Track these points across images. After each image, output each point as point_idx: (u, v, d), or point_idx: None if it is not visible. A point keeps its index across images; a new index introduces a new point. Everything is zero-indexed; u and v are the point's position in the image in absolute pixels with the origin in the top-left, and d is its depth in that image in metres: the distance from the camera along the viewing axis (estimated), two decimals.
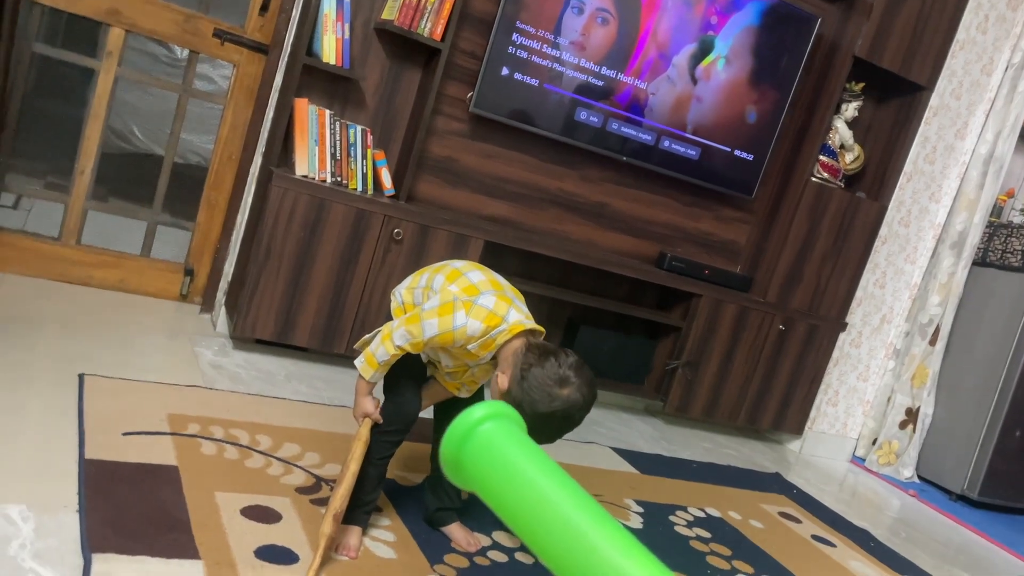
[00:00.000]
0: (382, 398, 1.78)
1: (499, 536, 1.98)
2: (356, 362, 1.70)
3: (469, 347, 1.63)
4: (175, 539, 1.56)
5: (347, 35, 2.77)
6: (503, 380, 1.59)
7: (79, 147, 2.91)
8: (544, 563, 0.64)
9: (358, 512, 1.75)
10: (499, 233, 2.96)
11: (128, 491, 1.68)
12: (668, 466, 2.95)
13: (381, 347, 1.67)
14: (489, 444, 0.68)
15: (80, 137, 2.90)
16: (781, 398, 3.60)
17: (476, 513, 1.98)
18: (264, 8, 2.98)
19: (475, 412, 0.69)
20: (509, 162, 3.18)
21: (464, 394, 1.85)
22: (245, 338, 2.82)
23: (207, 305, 3.07)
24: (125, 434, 1.92)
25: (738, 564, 2.25)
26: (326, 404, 2.53)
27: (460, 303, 1.61)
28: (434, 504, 1.91)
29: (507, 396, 1.55)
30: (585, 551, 0.58)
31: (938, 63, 3.50)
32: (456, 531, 1.90)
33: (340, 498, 1.65)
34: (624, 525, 2.24)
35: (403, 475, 2.15)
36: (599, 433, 3.09)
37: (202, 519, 1.66)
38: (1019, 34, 3.66)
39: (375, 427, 1.73)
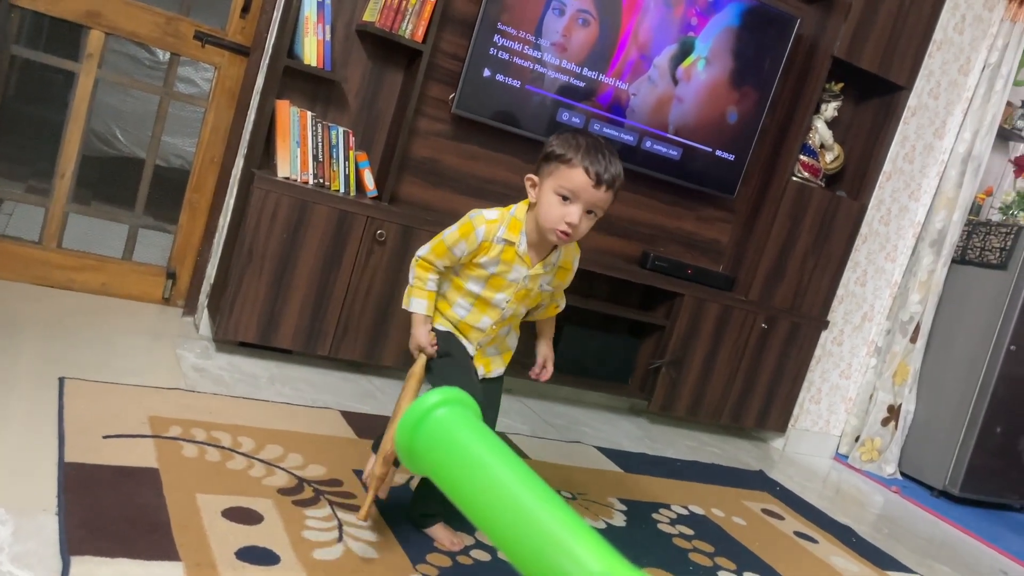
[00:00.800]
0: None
1: (483, 535, 1.99)
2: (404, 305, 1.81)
3: (495, 238, 1.71)
4: (155, 541, 1.56)
5: (328, 37, 2.77)
6: (532, 194, 1.71)
7: (60, 150, 2.89)
8: (496, 544, 0.65)
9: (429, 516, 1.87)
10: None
11: (108, 493, 1.68)
12: (652, 465, 2.96)
13: (411, 271, 1.80)
14: (442, 430, 0.69)
15: (61, 140, 2.89)
16: (764, 396, 3.63)
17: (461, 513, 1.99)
18: (245, 10, 2.98)
19: (429, 398, 0.70)
20: (492, 163, 3.19)
21: (496, 366, 1.89)
22: (228, 341, 2.81)
23: (189, 308, 3.06)
24: (105, 437, 1.91)
25: (720, 561, 2.27)
26: (309, 406, 2.53)
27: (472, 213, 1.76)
28: (420, 508, 1.90)
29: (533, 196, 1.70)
30: (534, 532, 0.59)
31: (916, 63, 3.54)
32: (439, 531, 1.90)
33: (390, 438, 1.64)
34: (607, 523, 2.26)
35: None
36: (584, 433, 3.10)
37: (183, 521, 1.65)
38: (995, 34, 3.71)
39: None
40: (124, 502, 1.66)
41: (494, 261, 1.74)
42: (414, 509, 1.92)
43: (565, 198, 1.64)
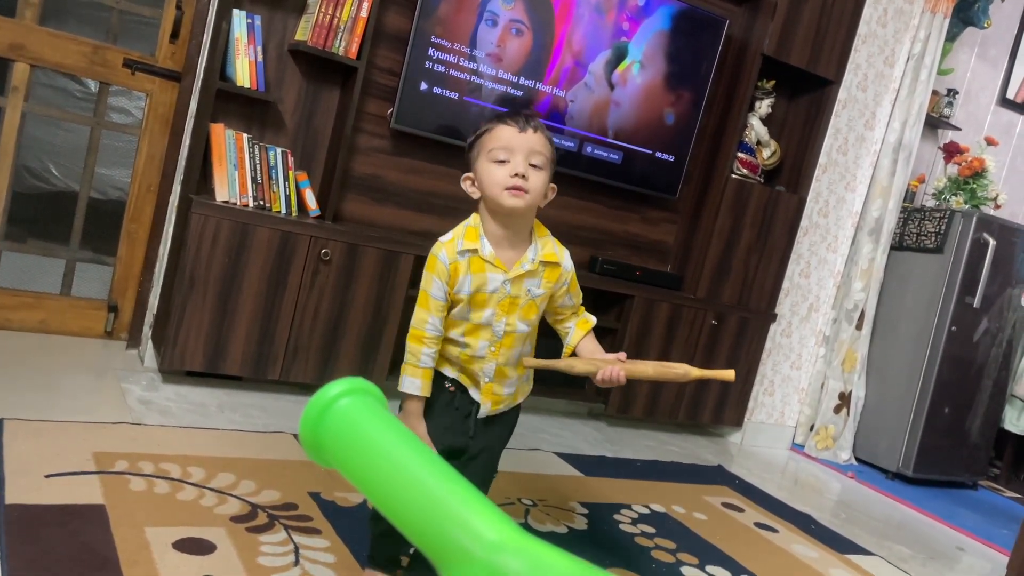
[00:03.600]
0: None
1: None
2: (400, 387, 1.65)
3: (458, 254, 1.60)
4: None
5: (260, 58, 2.75)
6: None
7: None
8: (397, 527, 0.65)
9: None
10: (429, 247, 2.95)
11: (52, 534, 1.63)
12: (612, 467, 2.98)
13: (408, 348, 1.64)
14: (346, 419, 0.69)
15: None
16: (719, 392, 3.67)
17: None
18: (174, 35, 2.94)
19: (332, 388, 0.70)
20: (435, 176, 3.19)
21: (505, 403, 1.72)
22: (174, 371, 2.76)
23: (133, 340, 3.00)
24: (48, 476, 1.86)
25: (683, 556, 2.28)
26: (261, 431, 2.48)
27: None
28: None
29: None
30: (432, 510, 0.60)
31: (843, 58, 3.64)
32: None
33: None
34: (569, 527, 2.26)
35: (342, 496, 2.12)
36: (543, 439, 3.10)
37: (131, 556, 1.61)
38: (917, 25, 3.83)
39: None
40: (69, 541, 1.62)
41: (468, 280, 1.60)
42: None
43: (502, 161, 1.58)
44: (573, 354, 1.74)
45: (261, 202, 2.76)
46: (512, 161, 1.57)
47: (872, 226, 3.89)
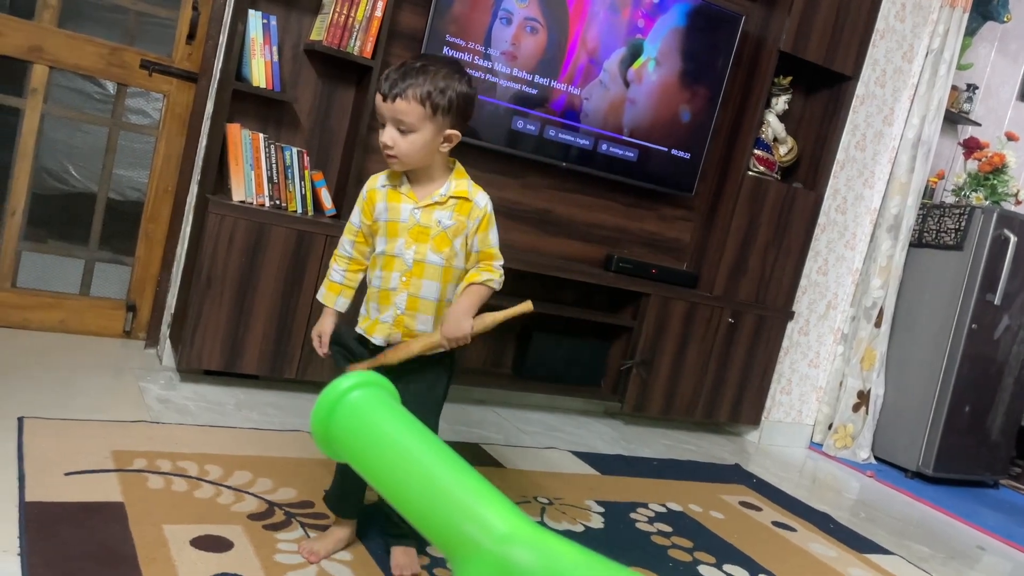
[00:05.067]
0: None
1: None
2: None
3: (378, 186, 1.76)
4: (121, 575, 1.53)
5: (276, 58, 2.76)
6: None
7: (9, 188, 2.84)
8: (408, 519, 0.65)
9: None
10: None
11: (72, 531, 1.64)
12: (628, 465, 2.97)
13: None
14: (357, 412, 0.68)
15: (9, 178, 2.84)
16: (736, 390, 3.65)
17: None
18: (191, 36, 2.96)
19: (343, 382, 0.70)
20: None
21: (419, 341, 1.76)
22: (192, 370, 2.77)
23: (151, 340, 3.02)
24: (67, 474, 1.87)
25: (700, 555, 2.27)
26: (278, 430, 2.49)
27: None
28: (390, 527, 1.86)
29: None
30: (442, 502, 0.59)
31: (861, 53, 3.60)
32: (397, 554, 1.82)
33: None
34: (585, 526, 2.26)
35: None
36: (558, 438, 3.10)
37: (150, 553, 1.62)
38: (936, 20, 3.79)
39: None
40: (88, 538, 1.63)
41: (384, 208, 1.74)
42: (387, 526, 1.89)
43: (381, 127, 1.69)
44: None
45: (277, 201, 2.77)
46: (384, 130, 1.68)
47: (891, 223, 3.86)
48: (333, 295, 1.86)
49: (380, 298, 1.76)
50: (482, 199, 1.76)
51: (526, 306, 1.70)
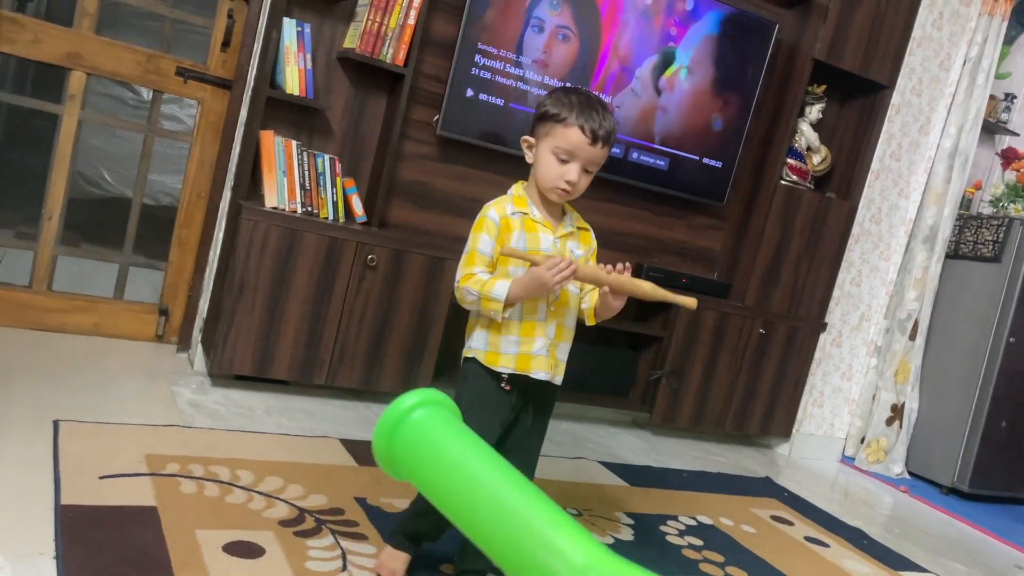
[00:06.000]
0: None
1: None
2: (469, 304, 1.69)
3: (510, 213, 1.69)
4: None
5: (310, 65, 2.78)
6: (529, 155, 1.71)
7: (46, 193, 2.88)
8: (479, 545, 0.63)
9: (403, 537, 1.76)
10: None
11: (106, 535, 1.65)
12: (658, 477, 2.94)
13: (465, 295, 1.66)
14: (422, 431, 0.67)
15: (47, 183, 2.88)
16: (767, 402, 3.60)
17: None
18: (226, 44, 2.98)
19: (407, 400, 0.69)
20: (480, 183, 3.19)
21: (560, 371, 1.76)
22: (223, 375, 2.79)
23: (184, 344, 3.04)
24: (102, 477, 1.89)
25: (731, 570, 2.24)
26: (308, 436, 2.50)
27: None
28: (465, 564, 1.78)
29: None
30: (516, 530, 0.58)
31: (897, 61, 3.55)
32: None
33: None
34: (615, 538, 2.23)
35: (388, 501, 2.12)
36: (587, 448, 3.08)
37: (183, 558, 1.63)
38: (974, 28, 3.73)
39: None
40: (123, 542, 1.64)
41: (522, 236, 1.68)
42: (460, 564, 1.81)
43: (563, 160, 1.64)
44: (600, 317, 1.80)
45: (309, 208, 2.78)
46: (570, 165, 1.65)
47: (926, 234, 3.80)
48: (503, 280, 1.65)
49: (522, 330, 1.68)
50: (592, 232, 1.83)
51: (691, 301, 1.70)
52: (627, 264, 1.67)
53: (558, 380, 1.76)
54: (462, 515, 0.62)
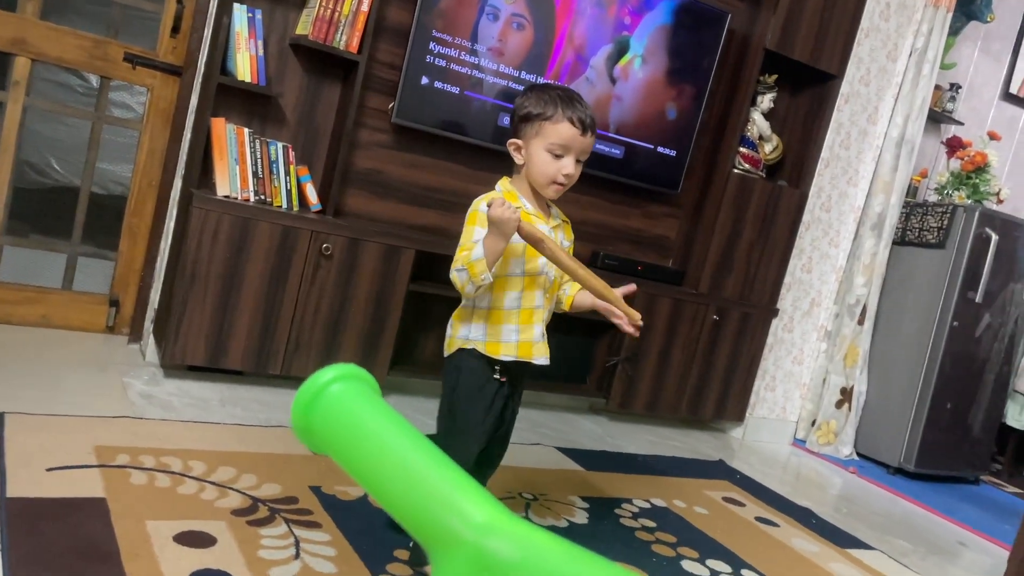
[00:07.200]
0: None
1: None
2: (456, 276, 1.67)
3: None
4: (104, 571, 1.52)
5: (261, 52, 2.75)
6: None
7: None
8: (388, 511, 0.66)
9: None
10: (430, 242, 2.96)
11: (53, 527, 1.63)
12: (613, 461, 2.98)
13: (459, 276, 1.65)
14: (338, 404, 0.69)
15: None
16: (720, 387, 3.67)
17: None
18: (175, 30, 2.94)
19: (325, 374, 0.71)
20: (436, 171, 3.18)
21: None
22: (176, 366, 2.76)
23: (135, 335, 3.00)
24: (49, 469, 1.86)
25: (683, 550, 2.28)
26: (263, 426, 2.49)
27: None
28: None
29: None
30: (421, 493, 0.60)
31: (846, 52, 3.62)
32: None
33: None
34: (569, 522, 2.26)
35: (343, 489, 2.12)
36: (544, 434, 3.10)
37: (132, 549, 1.61)
38: (920, 20, 3.81)
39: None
40: (70, 534, 1.62)
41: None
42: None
43: (558, 155, 1.69)
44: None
45: (262, 197, 2.76)
46: (565, 159, 1.70)
47: (874, 221, 3.89)
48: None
49: (521, 319, 1.73)
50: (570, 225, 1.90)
51: (635, 315, 1.72)
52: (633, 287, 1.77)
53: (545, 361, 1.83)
54: (373, 483, 0.64)
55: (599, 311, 1.74)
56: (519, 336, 1.73)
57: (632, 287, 1.79)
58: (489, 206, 1.58)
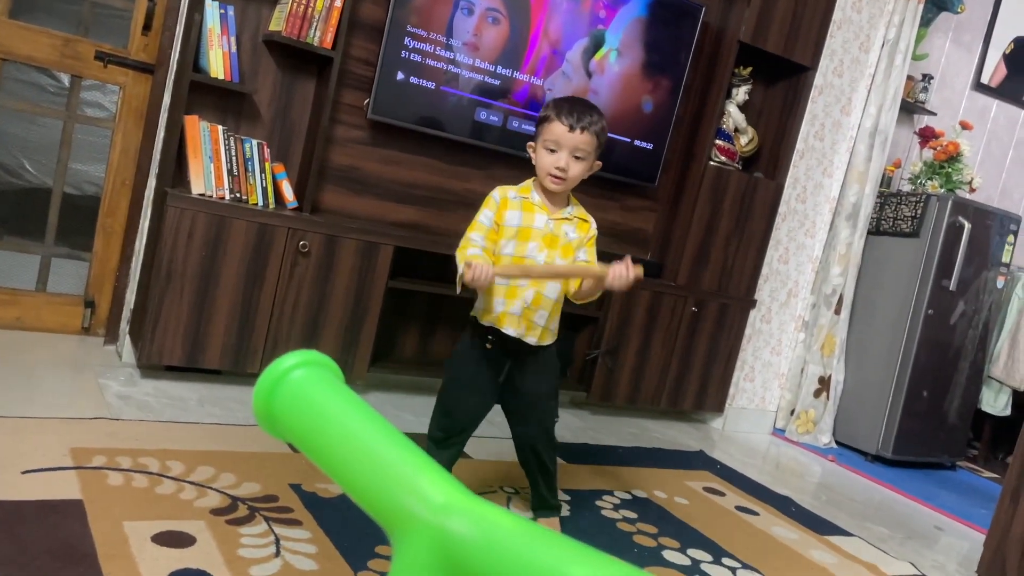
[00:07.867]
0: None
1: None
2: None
3: (511, 196, 2.02)
4: (81, 574, 1.51)
5: (234, 48, 2.73)
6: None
7: None
8: (349, 495, 0.66)
9: None
10: (409, 238, 2.96)
11: (30, 530, 1.62)
12: (594, 454, 2.99)
13: (458, 256, 1.95)
14: (300, 390, 0.69)
15: None
16: (700, 378, 3.69)
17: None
18: (147, 27, 2.91)
19: (287, 360, 0.71)
20: (413, 167, 3.18)
21: (546, 339, 2.07)
22: (153, 366, 2.74)
23: (111, 336, 2.97)
24: (25, 472, 1.84)
25: (664, 540, 2.30)
26: (242, 425, 2.47)
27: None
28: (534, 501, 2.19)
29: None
30: (381, 475, 0.60)
31: (819, 44, 3.65)
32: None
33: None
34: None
35: (323, 487, 2.12)
36: None
37: (110, 550, 1.60)
38: (891, 11, 3.85)
39: None
40: (47, 536, 1.61)
41: (517, 214, 2.01)
42: (534, 499, 2.21)
43: (552, 150, 1.97)
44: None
45: (237, 194, 2.74)
46: (558, 153, 1.97)
47: (849, 211, 3.92)
48: (481, 252, 1.97)
49: (507, 293, 1.99)
50: (593, 223, 2.15)
51: (601, 270, 1.96)
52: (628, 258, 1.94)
53: (531, 340, 2.03)
54: (335, 468, 0.65)
55: (602, 287, 1.97)
56: (503, 307, 1.99)
57: (627, 257, 1.96)
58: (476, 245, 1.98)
